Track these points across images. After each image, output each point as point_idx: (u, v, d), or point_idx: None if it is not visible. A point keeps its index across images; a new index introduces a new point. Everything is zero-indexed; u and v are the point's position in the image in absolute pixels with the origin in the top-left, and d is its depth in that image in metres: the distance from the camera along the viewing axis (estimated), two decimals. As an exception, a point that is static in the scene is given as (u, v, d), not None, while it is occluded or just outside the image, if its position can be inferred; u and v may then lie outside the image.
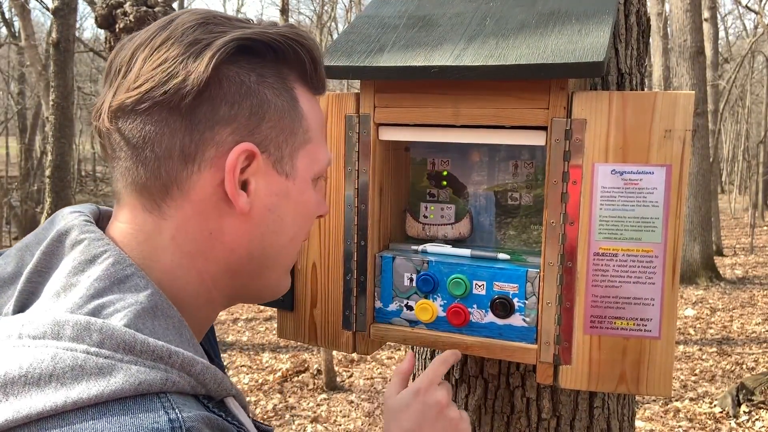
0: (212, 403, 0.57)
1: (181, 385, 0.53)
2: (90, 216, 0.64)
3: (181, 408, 0.51)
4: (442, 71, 0.94)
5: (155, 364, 0.53)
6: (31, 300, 0.59)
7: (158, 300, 0.57)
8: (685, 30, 8.53)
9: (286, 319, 1.15)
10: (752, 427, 4.49)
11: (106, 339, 0.52)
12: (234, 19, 0.63)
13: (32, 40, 9.41)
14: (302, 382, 5.72)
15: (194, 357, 0.55)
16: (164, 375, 0.52)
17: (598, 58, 0.87)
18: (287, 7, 6.84)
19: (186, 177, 0.60)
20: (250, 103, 0.61)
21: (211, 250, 0.63)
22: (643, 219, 0.92)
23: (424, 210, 1.18)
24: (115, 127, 0.60)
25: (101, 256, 0.58)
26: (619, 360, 0.95)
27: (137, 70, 0.59)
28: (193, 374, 0.55)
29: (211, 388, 0.56)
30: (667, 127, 0.90)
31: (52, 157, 6.77)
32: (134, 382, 0.51)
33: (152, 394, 0.52)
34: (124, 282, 0.57)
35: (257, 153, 0.62)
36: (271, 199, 0.64)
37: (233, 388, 0.59)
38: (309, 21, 23.34)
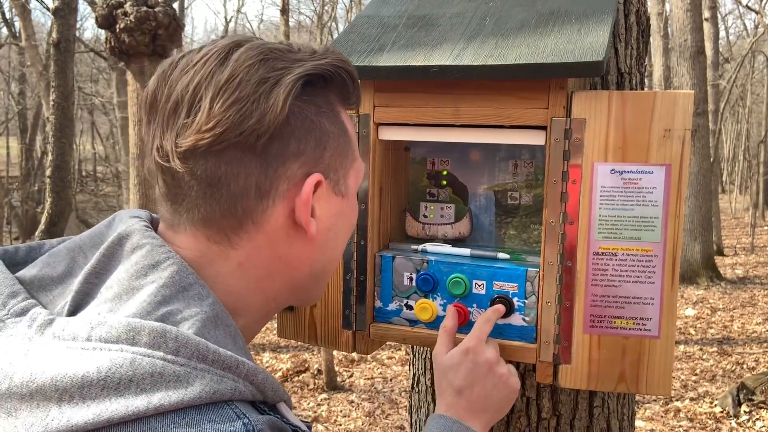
0: (267, 408, 0.59)
1: (246, 394, 0.55)
2: (148, 222, 0.65)
3: (250, 416, 0.54)
4: (441, 71, 0.94)
5: (225, 373, 0.54)
6: (87, 301, 0.59)
7: (219, 309, 0.59)
8: (686, 30, 8.53)
9: (286, 319, 1.15)
10: (753, 426, 4.49)
11: (182, 347, 0.53)
12: (286, 51, 0.63)
13: (33, 40, 9.41)
14: (303, 381, 5.72)
15: (257, 367, 0.57)
16: (233, 384, 0.54)
17: (598, 58, 0.88)
18: (287, 7, 6.85)
19: (261, 212, 0.62)
20: (315, 136, 0.64)
21: (277, 272, 0.66)
22: (642, 218, 0.92)
23: (423, 209, 1.19)
24: (188, 168, 0.60)
25: (164, 262, 0.59)
26: (619, 359, 0.95)
27: (207, 110, 0.58)
28: (255, 383, 0.57)
29: (269, 395, 0.58)
30: (667, 127, 0.90)
31: (52, 157, 6.77)
32: (209, 390, 0.52)
33: (223, 402, 0.53)
34: (187, 290, 0.58)
35: (323, 181, 0.65)
36: (331, 219, 0.68)
37: (285, 393, 0.61)
38: (309, 21, 23.34)
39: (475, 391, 0.91)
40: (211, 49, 0.62)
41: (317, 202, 0.65)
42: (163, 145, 0.60)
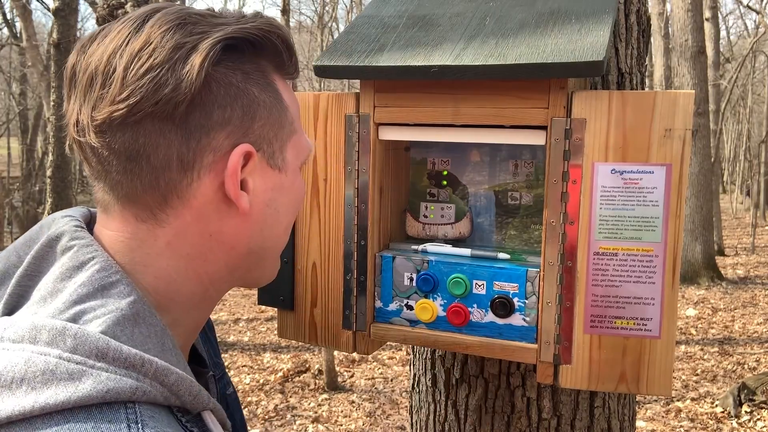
0: (187, 417, 0.56)
1: (153, 395, 0.52)
2: (82, 221, 0.63)
3: (146, 421, 0.51)
4: (442, 71, 0.94)
5: (127, 372, 0.52)
6: (21, 303, 0.58)
7: (140, 307, 0.57)
8: (687, 30, 8.53)
9: (286, 319, 1.15)
10: (754, 427, 4.49)
11: (80, 345, 0.51)
12: (207, 15, 0.61)
13: (34, 40, 9.41)
14: (303, 382, 5.72)
15: (168, 367, 0.54)
16: (134, 383, 0.52)
17: (598, 58, 0.87)
18: (288, 7, 6.85)
19: (186, 185, 0.59)
20: (241, 103, 0.61)
21: (210, 251, 0.63)
22: (643, 218, 0.92)
23: (424, 209, 1.18)
24: (104, 142, 0.57)
25: (89, 263, 0.57)
26: (619, 359, 0.95)
27: (119, 80, 0.56)
28: (166, 384, 0.54)
29: (186, 401, 0.55)
30: (667, 127, 0.89)
31: (53, 157, 6.78)
32: (102, 389, 0.50)
33: (120, 402, 0.51)
34: (108, 289, 0.56)
35: (254, 152, 0.61)
36: (267, 194, 0.64)
37: (210, 401, 0.58)
38: (310, 21, 23.34)
39: None
40: (129, 17, 0.59)
41: (250, 176, 0.62)
42: (80, 119, 0.58)
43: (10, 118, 20.64)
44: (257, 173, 0.63)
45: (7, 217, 13.35)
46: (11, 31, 16.86)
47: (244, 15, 0.63)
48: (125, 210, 0.60)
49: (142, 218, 0.60)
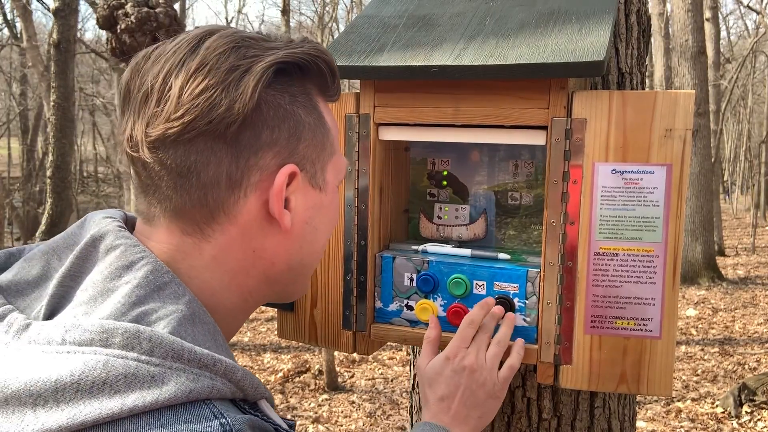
0: (247, 405, 0.58)
1: (224, 392, 0.55)
2: (122, 222, 0.64)
3: (228, 413, 0.53)
4: (442, 71, 0.94)
5: (201, 372, 0.54)
6: (62, 304, 0.59)
7: (196, 307, 0.59)
8: (687, 30, 8.52)
9: (286, 320, 1.15)
10: (754, 427, 4.48)
11: (156, 347, 0.53)
12: (259, 39, 0.63)
13: (34, 41, 9.41)
14: (304, 382, 5.72)
15: (235, 365, 0.56)
16: (210, 383, 0.54)
17: (599, 58, 0.87)
18: (288, 7, 6.85)
19: (233, 203, 0.61)
20: (288, 125, 0.62)
21: (252, 266, 0.65)
22: (643, 218, 0.92)
23: (438, 210, 1.18)
24: (157, 158, 0.59)
25: (138, 263, 0.58)
26: (620, 360, 0.95)
27: (175, 98, 0.58)
28: (234, 381, 0.56)
29: (249, 393, 0.58)
30: (668, 127, 0.89)
31: (52, 157, 6.77)
32: (185, 389, 0.52)
33: (200, 401, 0.53)
34: (162, 289, 0.58)
35: (298, 172, 0.63)
36: (308, 212, 0.67)
37: (266, 390, 0.61)
38: (310, 22, 23.35)
39: (458, 399, 0.91)
40: (184, 38, 0.61)
41: (293, 194, 0.64)
42: (133, 135, 0.60)
43: (10, 118, 20.64)
44: (299, 192, 0.65)
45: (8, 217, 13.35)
46: (12, 31, 16.86)
47: (293, 40, 0.65)
48: (172, 224, 0.62)
49: (188, 232, 0.62)
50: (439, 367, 0.94)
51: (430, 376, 0.94)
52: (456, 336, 0.95)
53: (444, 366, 0.93)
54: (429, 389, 0.94)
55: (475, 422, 0.92)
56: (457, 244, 1.12)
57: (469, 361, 0.93)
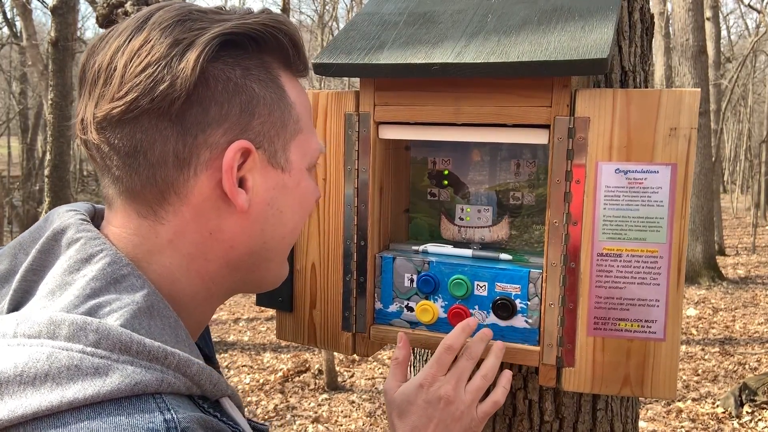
0: (207, 404, 0.57)
1: (177, 386, 0.53)
2: (86, 215, 0.63)
3: (176, 409, 0.51)
4: (443, 69, 0.93)
5: (151, 364, 0.52)
6: (26, 299, 0.58)
7: (154, 300, 0.57)
8: (687, 29, 8.51)
9: (285, 320, 1.14)
10: (755, 427, 4.47)
11: (103, 339, 0.52)
12: (209, 12, 0.60)
13: (34, 39, 9.40)
14: (303, 382, 5.71)
15: (190, 358, 0.55)
16: (160, 376, 0.52)
17: (602, 55, 0.86)
18: (288, 6, 6.83)
19: (183, 182, 0.59)
20: (239, 100, 0.60)
21: (210, 250, 0.62)
22: (647, 219, 0.90)
23: (460, 212, 1.15)
24: (104, 138, 0.58)
25: (97, 255, 0.57)
26: (623, 362, 0.93)
27: (119, 77, 0.57)
28: (188, 375, 0.55)
29: (207, 389, 0.56)
30: (672, 126, 0.88)
31: (50, 156, 6.76)
32: (130, 382, 0.50)
33: (147, 394, 0.51)
34: (120, 282, 0.56)
35: (252, 150, 0.61)
36: (268, 193, 0.64)
37: (228, 388, 0.59)
38: (310, 20, 23.32)
39: (428, 424, 0.83)
40: (133, 17, 0.60)
41: (249, 173, 0.61)
42: (84, 117, 0.59)
43: (10, 117, 20.63)
44: (257, 171, 0.62)
45: (7, 216, 13.35)
46: (11, 30, 16.85)
47: (251, 11, 0.62)
48: (127, 206, 0.60)
49: (143, 214, 0.60)
50: (412, 394, 0.85)
51: (399, 404, 0.86)
52: (432, 361, 0.87)
53: (417, 394, 0.85)
54: (398, 418, 0.85)
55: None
56: (480, 247, 1.10)
57: (445, 391, 0.84)
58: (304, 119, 0.67)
